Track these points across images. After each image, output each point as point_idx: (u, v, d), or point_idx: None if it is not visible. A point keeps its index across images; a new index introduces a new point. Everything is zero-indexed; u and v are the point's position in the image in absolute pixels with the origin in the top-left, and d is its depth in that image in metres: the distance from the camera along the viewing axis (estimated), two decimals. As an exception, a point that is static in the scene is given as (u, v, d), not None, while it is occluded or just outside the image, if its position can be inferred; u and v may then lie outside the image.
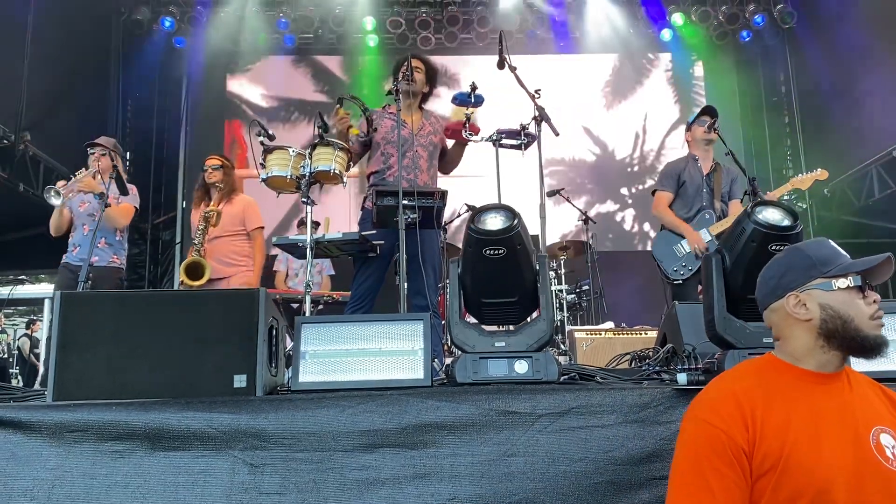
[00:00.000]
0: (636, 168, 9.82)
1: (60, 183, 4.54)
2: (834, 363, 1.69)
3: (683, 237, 4.65)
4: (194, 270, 4.83)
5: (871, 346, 1.67)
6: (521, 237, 2.38)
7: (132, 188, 4.95)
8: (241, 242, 5.22)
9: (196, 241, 4.93)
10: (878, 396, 1.73)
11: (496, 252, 2.34)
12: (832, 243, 1.77)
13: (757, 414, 1.62)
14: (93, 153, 4.87)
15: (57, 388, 2.23)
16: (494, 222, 2.38)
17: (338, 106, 4.01)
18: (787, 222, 2.29)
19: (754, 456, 1.59)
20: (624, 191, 9.79)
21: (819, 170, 4.89)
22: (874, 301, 1.67)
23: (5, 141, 4.56)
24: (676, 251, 4.66)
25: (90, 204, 4.86)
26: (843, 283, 1.68)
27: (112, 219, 4.79)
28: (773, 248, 2.26)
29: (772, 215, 2.31)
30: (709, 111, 4.81)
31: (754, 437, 1.60)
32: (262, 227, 5.35)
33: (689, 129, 4.95)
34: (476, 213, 2.42)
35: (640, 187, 9.63)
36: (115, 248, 4.98)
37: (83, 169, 4.72)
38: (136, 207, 5.04)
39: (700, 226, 4.67)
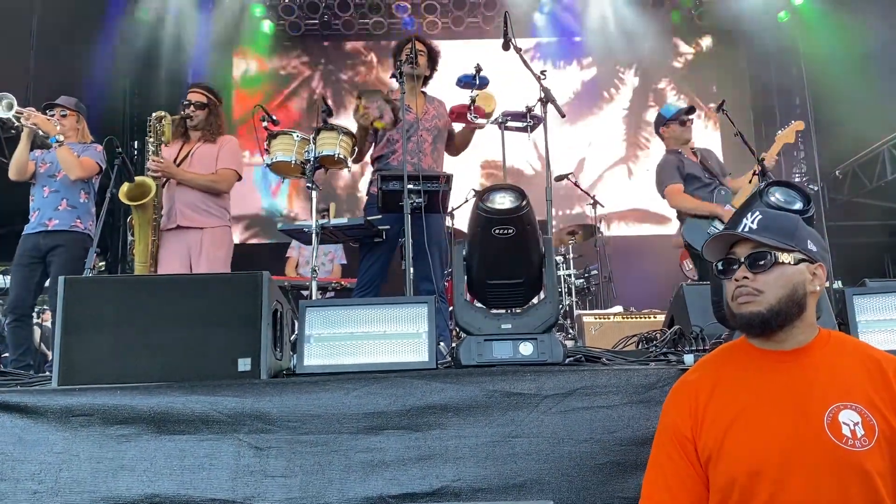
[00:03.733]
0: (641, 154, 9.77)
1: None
2: (760, 340, 1.68)
3: (714, 219, 4.54)
4: (138, 193, 4.15)
5: (739, 326, 1.69)
6: (530, 217, 2.37)
7: (98, 147, 4.67)
8: None
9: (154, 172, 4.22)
10: (862, 368, 1.62)
11: (505, 231, 2.32)
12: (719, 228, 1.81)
13: (701, 401, 1.67)
14: (52, 114, 4.59)
15: (62, 373, 2.24)
16: (504, 201, 2.36)
17: (358, 101, 3.96)
18: (797, 205, 2.25)
19: (698, 443, 1.64)
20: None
21: (794, 122, 4.90)
22: (735, 279, 1.67)
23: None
24: (710, 234, 4.53)
25: (52, 164, 4.57)
26: (713, 269, 1.76)
27: (67, 162, 4.40)
28: None
29: (782, 196, 2.27)
30: (689, 110, 4.76)
31: (698, 426, 1.65)
32: (235, 171, 4.46)
33: (664, 124, 4.82)
34: (484, 192, 2.39)
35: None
36: (78, 211, 4.57)
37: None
38: (99, 166, 4.63)
39: (722, 202, 4.59)
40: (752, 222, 1.69)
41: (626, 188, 9.60)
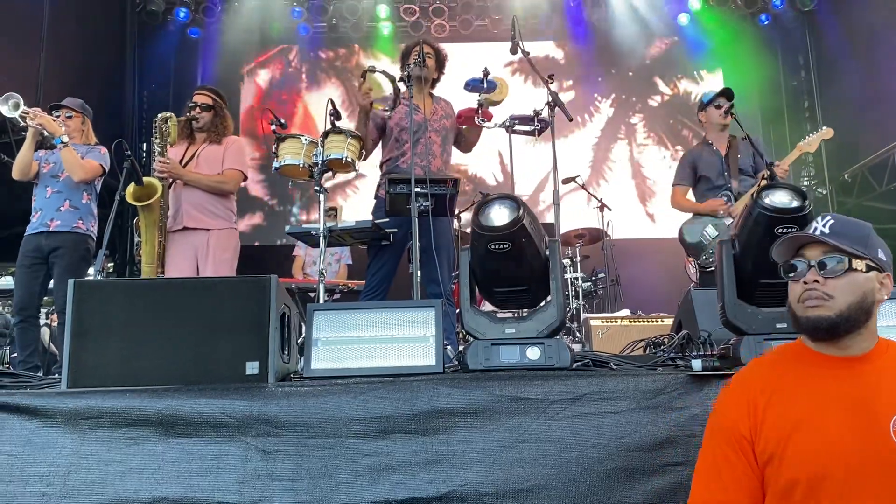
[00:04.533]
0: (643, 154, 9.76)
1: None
2: (822, 345, 1.67)
3: (707, 223, 4.52)
4: (144, 194, 4.17)
5: (804, 329, 1.67)
6: (526, 230, 2.35)
7: (102, 149, 4.69)
8: None
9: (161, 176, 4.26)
10: None
11: (501, 247, 2.32)
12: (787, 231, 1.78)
13: (760, 402, 1.65)
14: (58, 115, 4.63)
15: (71, 376, 2.25)
16: (499, 216, 2.34)
17: (362, 80, 3.96)
18: (795, 203, 2.25)
19: (756, 444, 1.63)
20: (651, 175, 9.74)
21: (824, 128, 4.79)
22: (804, 282, 1.65)
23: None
24: (703, 237, 4.55)
25: (55, 165, 4.58)
26: (781, 271, 1.73)
27: (70, 164, 4.42)
28: (780, 230, 2.23)
29: (778, 198, 2.27)
30: (725, 93, 4.71)
31: (757, 426, 1.63)
32: (240, 171, 4.48)
33: (703, 108, 4.84)
34: (480, 205, 2.38)
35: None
36: (81, 212, 4.57)
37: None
38: (103, 168, 4.64)
39: None
40: (824, 226, 1.68)
41: (630, 192, 9.61)
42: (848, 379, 1.63)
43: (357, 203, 9.30)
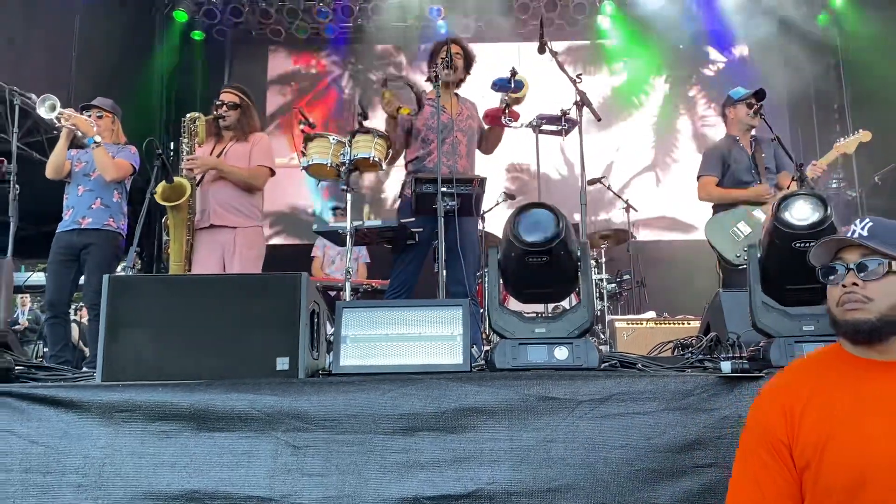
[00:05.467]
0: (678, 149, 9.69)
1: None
2: (861, 349, 1.65)
3: (739, 219, 4.47)
4: (174, 194, 4.23)
5: (844, 332, 1.65)
6: (565, 243, 2.35)
7: (132, 148, 4.77)
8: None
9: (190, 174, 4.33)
10: None
11: (539, 259, 2.32)
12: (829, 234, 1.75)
13: (797, 407, 1.63)
14: (89, 115, 4.67)
15: (105, 369, 2.29)
16: (538, 230, 2.31)
17: (382, 89, 3.99)
18: (815, 217, 2.22)
19: (794, 449, 1.61)
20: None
21: (861, 131, 4.70)
22: (843, 285, 1.64)
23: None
24: (734, 235, 4.42)
25: (87, 164, 4.65)
26: (819, 274, 1.72)
27: (103, 163, 4.48)
28: (798, 246, 2.24)
29: (798, 211, 2.24)
30: (757, 94, 4.63)
31: (793, 429, 1.61)
32: (268, 168, 4.52)
33: (732, 105, 4.74)
34: (516, 214, 2.35)
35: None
36: (111, 210, 4.64)
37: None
38: (134, 167, 4.72)
39: (754, 204, 4.51)
40: (863, 229, 1.66)
41: (653, 195, 9.55)
42: (888, 383, 1.61)
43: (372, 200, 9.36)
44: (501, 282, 2.54)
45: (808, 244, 2.09)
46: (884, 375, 1.62)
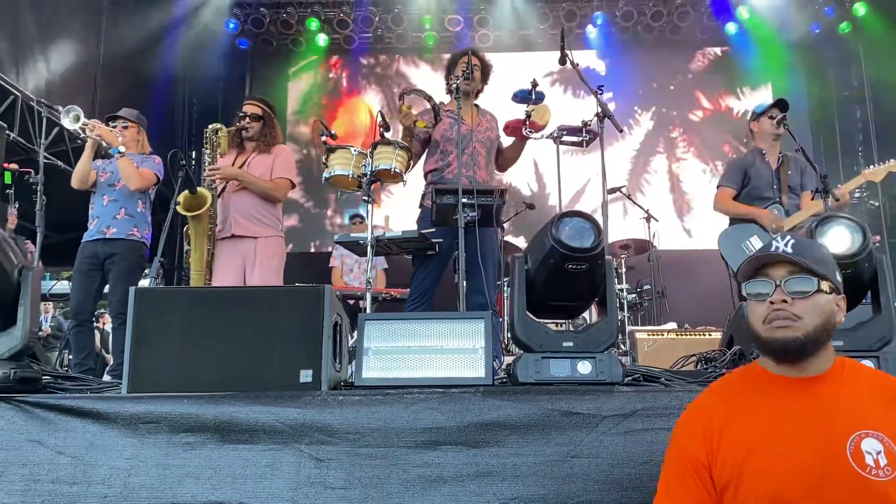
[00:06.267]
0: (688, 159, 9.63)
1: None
2: (784, 366, 1.64)
3: (752, 234, 4.46)
4: (195, 204, 4.29)
5: (771, 350, 1.63)
6: (604, 252, 2.36)
7: (156, 159, 4.80)
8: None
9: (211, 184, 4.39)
10: (881, 396, 1.60)
11: (578, 267, 2.31)
12: (760, 246, 1.73)
13: (716, 428, 1.62)
14: (114, 126, 4.73)
15: (131, 381, 2.31)
16: (583, 238, 2.31)
17: (400, 102, 4.03)
18: (855, 247, 2.20)
19: (713, 469, 1.60)
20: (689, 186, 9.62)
21: (893, 161, 4.65)
22: (771, 302, 1.61)
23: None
24: (746, 248, 4.45)
25: (112, 174, 4.69)
26: (744, 290, 1.69)
27: (127, 173, 4.52)
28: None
29: (836, 237, 2.23)
30: (779, 104, 4.62)
31: (712, 450, 1.61)
32: (289, 180, 4.55)
33: (756, 119, 4.75)
34: (558, 220, 2.34)
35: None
36: (136, 220, 4.67)
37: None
38: (158, 177, 4.75)
39: None
40: (786, 245, 1.64)
41: (669, 203, 9.51)
42: (804, 400, 1.60)
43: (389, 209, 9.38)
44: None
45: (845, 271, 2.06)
46: (800, 393, 1.61)
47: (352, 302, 6.13)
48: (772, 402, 1.61)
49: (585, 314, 4.76)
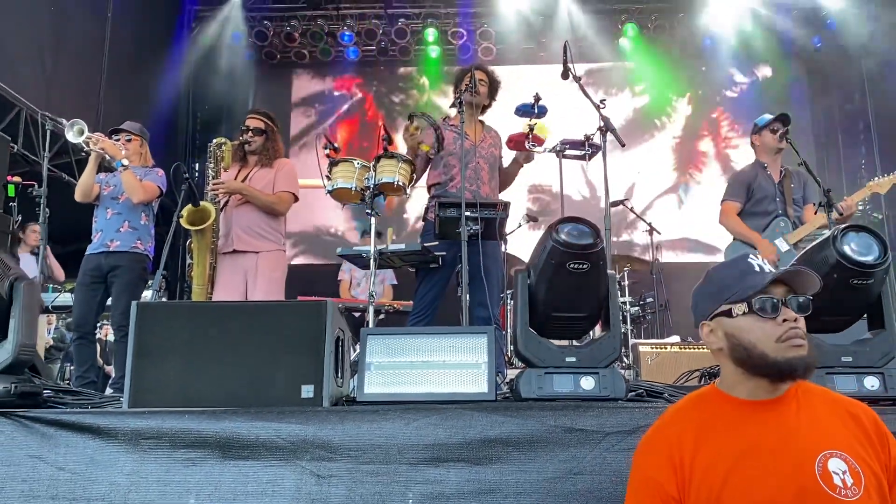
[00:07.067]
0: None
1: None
2: (764, 388, 1.59)
3: (756, 248, 4.46)
4: (198, 218, 4.30)
5: (783, 371, 1.55)
6: (604, 253, 2.35)
7: (159, 171, 4.81)
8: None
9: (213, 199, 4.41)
10: (835, 414, 1.59)
11: (580, 266, 2.29)
12: (749, 261, 1.66)
13: (686, 459, 1.57)
14: (118, 139, 4.72)
15: (133, 396, 2.30)
16: (582, 236, 2.32)
17: (408, 122, 4.05)
18: (871, 257, 2.19)
19: (686, 501, 1.55)
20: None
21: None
22: (784, 321, 1.56)
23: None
24: (753, 261, 4.42)
25: (115, 187, 4.69)
26: (740, 308, 1.60)
27: (131, 186, 4.51)
28: (854, 283, 2.20)
29: (856, 246, 2.21)
30: (781, 118, 4.63)
31: (684, 482, 1.56)
32: (292, 194, 4.54)
33: (757, 132, 4.76)
34: (558, 224, 2.36)
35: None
36: (139, 232, 4.65)
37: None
38: (161, 190, 4.74)
39: (775, 235, 4.48)
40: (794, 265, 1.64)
41: (675, 216, 9.51)
42: (771, 423, 1.57)
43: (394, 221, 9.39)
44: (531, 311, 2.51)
45: (863, 283, 2.04)
46: (764, 415, 1.58)
47: (357, 315, 6.13)
48: (739, 427, 1.58)
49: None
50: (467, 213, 3.68)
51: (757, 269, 1.63)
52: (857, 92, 9.36)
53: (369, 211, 3.76)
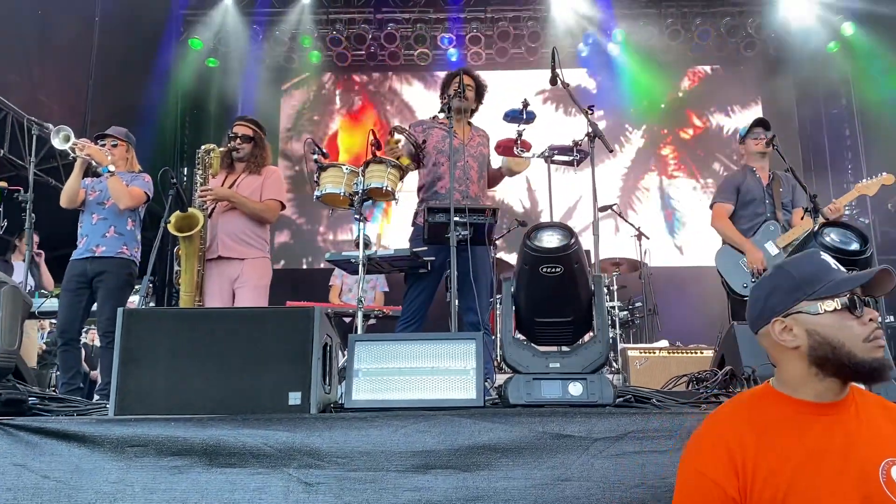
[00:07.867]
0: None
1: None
2: (833, 391, 1.56)
3: (744, 254, 4.49)
4: (186, 224, 4.26)
5: (869, 372, 1.52)
6: (579, 255, 2.35)
7: (146, 177, 4.79)
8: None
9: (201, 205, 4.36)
10: (887, 419, 1.56)
11: (553, 270, 2.30)
12: (823, 257, 1.61)
13: (748, 461, 1.52)
14: (103, 144, 4.72)
15: (118, 403, 2.28)
16: (552, 240, 2.35)
17: (390, 136, 4.07)
18: (854, 246, 2.21)
19: None
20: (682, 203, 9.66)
21: (885, 174, 4.68)
22: (870, 320, 1.53)
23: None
24: (743, 265, 4.49)
25: (101, 192, 4.68)
26: (829, 304, 1.54)
27: (117, 192, 4.51)
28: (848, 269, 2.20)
29: (838, 237, 2.23)
30: (761, 123, 4.69)
31: (746, 486, 1.51)
32: (279, 202, 4.58)
33: (742, 142, 4.83)
34: (532, 230, 2.39)
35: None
36: (125, 238, 4.65)
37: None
38: (147, 195, 4.72)
39: (765, 238, 4.51)
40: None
41: (660, 220, 9.56)
42: (833, 427, 1.54)
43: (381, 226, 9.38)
44: (517, 317, 2.52)
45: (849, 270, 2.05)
46: (825, 419, 1.55)
47: (347, 320, 6.11)
48: (805, 431, 1.54)
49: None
50: (456, 219, 3.68)
51: (833, 266, 1.59)
52: (843, 97, 9.45)
53: (357, 217, 3.76)
